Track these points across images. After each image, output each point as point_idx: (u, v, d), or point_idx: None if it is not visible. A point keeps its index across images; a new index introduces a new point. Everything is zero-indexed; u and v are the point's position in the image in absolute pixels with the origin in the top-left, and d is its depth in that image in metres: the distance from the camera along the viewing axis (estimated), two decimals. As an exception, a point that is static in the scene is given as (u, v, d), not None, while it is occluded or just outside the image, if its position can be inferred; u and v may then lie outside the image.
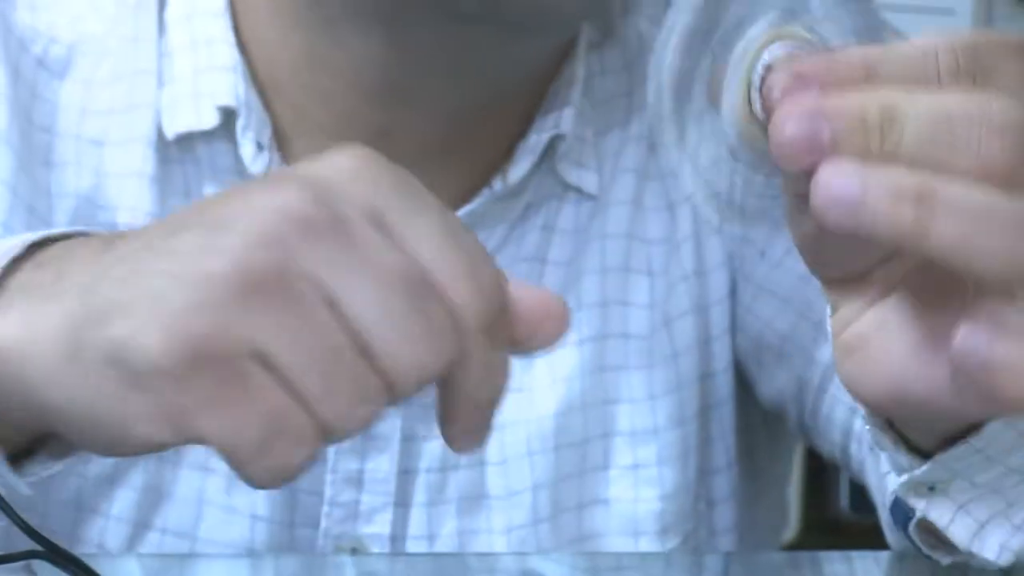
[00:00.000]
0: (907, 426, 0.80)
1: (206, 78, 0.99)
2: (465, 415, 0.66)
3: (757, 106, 0.68)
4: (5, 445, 0.69)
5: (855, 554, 0.98)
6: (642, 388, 1.04)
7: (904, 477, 0.81)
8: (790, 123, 0.65)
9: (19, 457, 0.70)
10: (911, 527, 0.85)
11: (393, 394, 0.64)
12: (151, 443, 0.62)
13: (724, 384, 1.06)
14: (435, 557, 1.00)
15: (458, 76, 0.98)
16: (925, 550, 0.86)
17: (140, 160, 1.00)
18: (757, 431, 1.10)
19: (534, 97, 1.02)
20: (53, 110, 1.00)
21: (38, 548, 0.69)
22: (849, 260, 0.74)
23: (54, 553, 0.69)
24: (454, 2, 0.93)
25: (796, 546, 2.04)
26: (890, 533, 0.94)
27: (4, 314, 0.67)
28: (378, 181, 0.65)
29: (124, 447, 0.63)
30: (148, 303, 0.63)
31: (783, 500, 1.16)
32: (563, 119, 1.01)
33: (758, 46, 0.69)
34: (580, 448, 1.03)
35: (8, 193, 0.99)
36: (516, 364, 0.98)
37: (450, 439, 0.66)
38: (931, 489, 0.83)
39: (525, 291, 0.67)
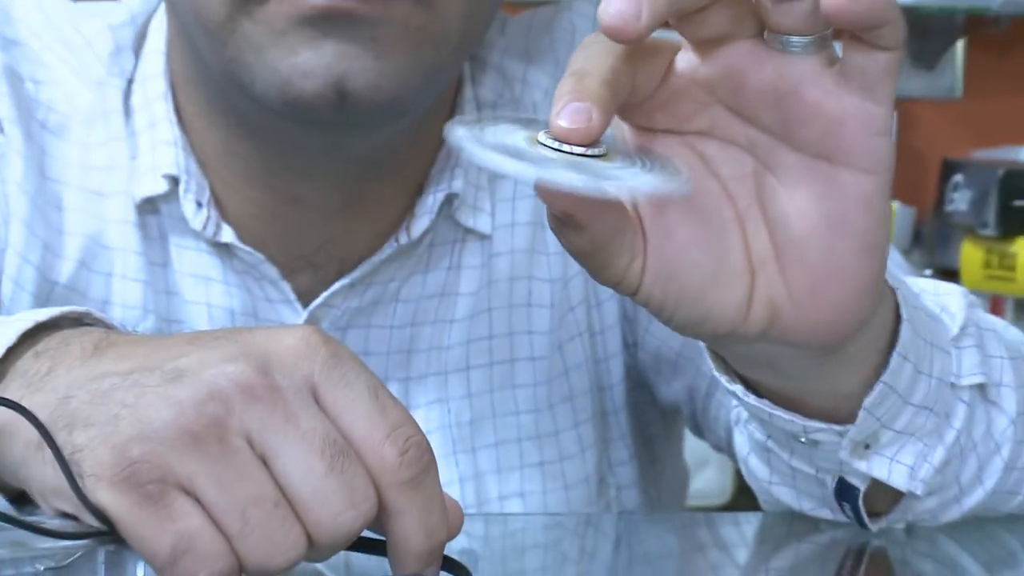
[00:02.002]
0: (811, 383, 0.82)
1: (158, 152, 1.02)
2: (407, 554, 0.68)
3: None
4: (7, 493, 0.72)
5: (741, 515, 1.01)
6: (544, 399, 1.07)
7: (845, 440, 0.83)
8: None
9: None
10: (859, 501, 0.87)
11: (313, 545, 0.67)
12: (92, 529, 0.67)
13: (619, 394, 1.09)
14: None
15: (326, 159, 1.00)
16: (866, 522, 0.88)
17: (126, 211, 1.03)
18: (656, 427, 1.13)
19: (427, 156, 1.04)
20: (60, 165, 1.03)
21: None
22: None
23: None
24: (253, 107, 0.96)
25: (729, 508, 2.04)
26: (767, 505, 0.94)
27: (4, 394, 0.70)
28: (314, 358, 0.68)
29: (77, 524, 0.68)
30: (105, 425, 0.66)
31: (679, 470, 1.19)
32: (455, 178, 1.03)
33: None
34: (494, 449, 1.06)
35: (26, 231, 1.01)
36: (437, 379, 1.03)
37: (399, 570, 0.68)
38: (867, 447, 0.84)
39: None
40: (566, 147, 0.69)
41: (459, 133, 0.69)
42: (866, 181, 0.73)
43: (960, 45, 2.35)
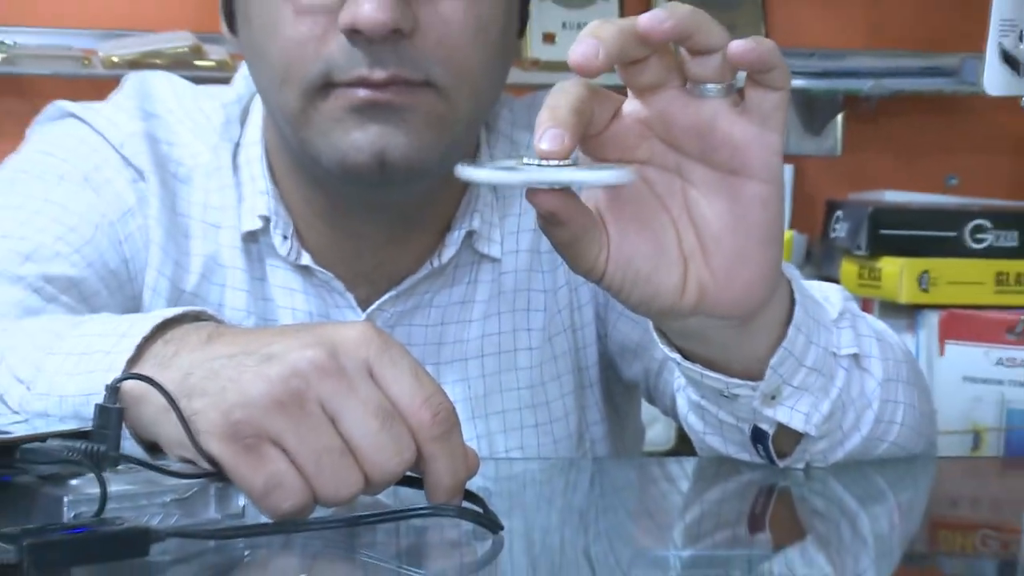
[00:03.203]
0: (729, 350, 0.82)
1: (256, 199, 1.01)
2: (439, 488, 0.69)
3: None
4: (143, 444, 0.71)
5: (683, 459, 1.02)
6: (538, 378, 1.06)
7: (757, 393, 0.83)
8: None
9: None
10: (769, 443, 0.87)
11: (370, 483, 0.67)
12: (205, 471, 0.67)
13: (593, 374, 1.08)
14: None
15: (374, 207, 0.99)
16: (775, 460, 0.88)
17: (235, 239, 1.02)
18: (620, 397, 1.12)
19: (452, 203, 1.02)
20: (187, 204, 1.02)
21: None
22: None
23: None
24: (321, 169, 0.94)
25: (672, 453, 2.00)
26: (702, 451, 0.93)
27: (141, 371, 0.70)
28: (369, 345, 0.68)
29: (194, 468, 0.68)
30: (215, 394, 0.67)
31: (637, 427, 1.18)
32: (474, 219, 1.02)
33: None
34: (501, 416, 1.05)
35: (162, 253, 1.00)
36: (459, 364, 1.03)
37: (433, 498, 0.69)
38: (773, 399, 0.84)
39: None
40: (544, 163, 0.70)
41: (464, 167, 0.72)
42: (764, 189, 0.75)
43: (840, 117, 2.35)
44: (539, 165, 0.70)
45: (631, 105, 0.75)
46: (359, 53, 0.90)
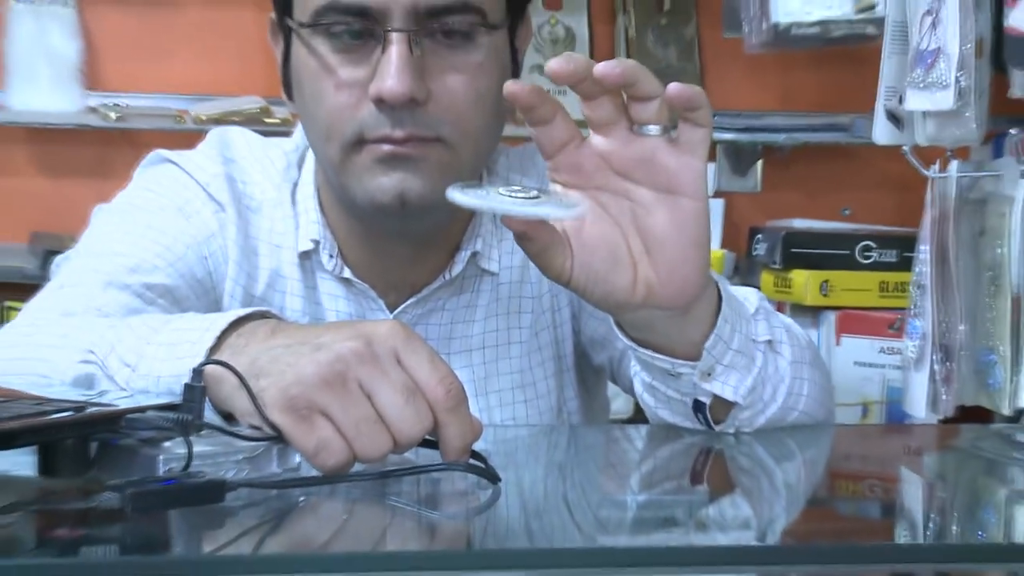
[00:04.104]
0: (673, 336, 0.81)
1: (309, 227, 1.00)
2: (450, 448, 0.68)
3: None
4: (220, 414, 0.70)
5: (641, 426, 0.99)
6: (526, 365, 1.05)
7: (696, 372, 0.82)
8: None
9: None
10: (707, 411, 0.86)
11: (397, 445, 0.66)
12: (269, 435, 0.66)
13: (570, 361, 1.07)
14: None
15: (398, 233, 0.97)
16: (712, 425, 0.87)
17: (293, 256, 1.00)
18: (591, 380, 1.10)
19: (460, 229, 1.01)
20: (256, 229, 1.01)
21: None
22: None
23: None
24: (360, 209, 0.93)
25: (631, 421, 2.04)
26: (654, 421, 0.91)
27: (219, 357, 0.70)
28: (396, 337, 0.67)
29: (260, 433, 0.67)
30: (276, 375, 0.67)
31: (603, 401, 1.16)
32: (478, 242, 1.00)
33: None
34: (498, 394, 1.04)
35: (236, 267, 0.99)
36: (465, 354, 1.01)
37: (446, 456, 0.68)
38: (709, 375, 0.83)
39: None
40: (514, 193, 0.71)
41: (452, 190, 0.72)
42: (695, 204, 0.76)
43: (760, 162, 2.35)
44: (512, 196, 0.71)
45: (593, 141, 0.76)
46: (384, 117, 0.90)
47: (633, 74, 0.72)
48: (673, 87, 0.72)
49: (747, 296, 0.90)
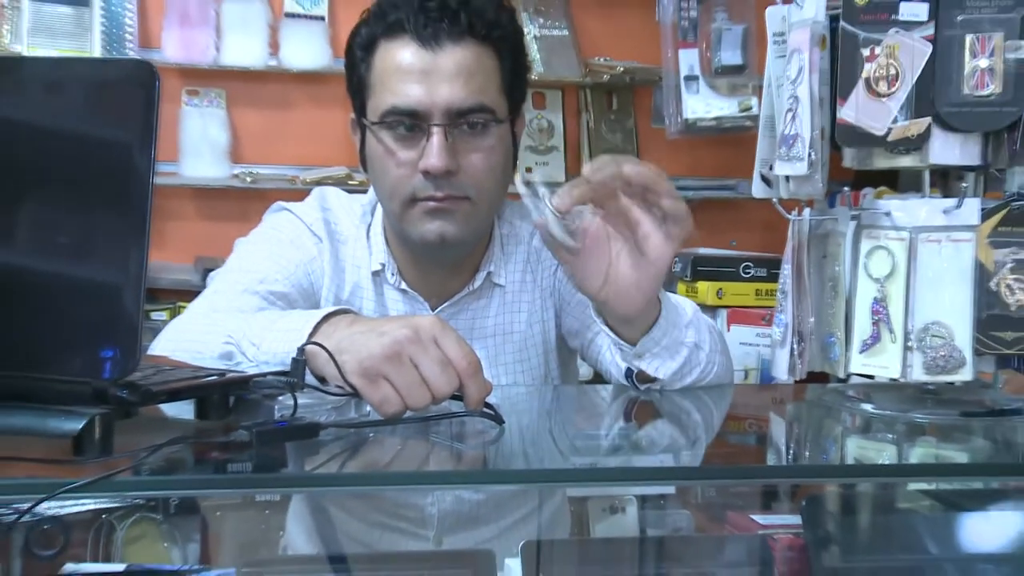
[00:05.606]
0: (620, 327, 0.79)
1: (378, 254, 0.97)
2: (471, 401, 0.66)
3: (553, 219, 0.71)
4: (317, 378, 0.68)
5: (599, 386, 0.96)
6: (523, 348, 1.01)
7: (633, 353, 0.80)
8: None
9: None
10: (634, 377, 0.84)
11: (435, 398, 0.65)
12: (349, 392, 0.65)
13: (553, 346, 1.02)
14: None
15: (438, 260, 0.94)
16: (640, 386, 0.84)
17: (368, 273, 0.98)
18: (567, 357, 1.06)
19: (479, 256, 0.98)
20: (344, 256, 0.98)
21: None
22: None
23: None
24: (414, 244, 0.91)
25: (590, 383, 1.96)
26: (609, 380, 0.90)
27: (316, 340, 0.68)
28: (435, 328, 0.65)
29: (343, 390, 0.66)
30: (353, 351, 0.66)
31: (575, 370, 1.09)
32: (492, 265, 0.98)
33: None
34: (504, 365, 1.00)
35: (330, 280, 0.97)
36: (482, 340, 0.96)
37: (468, 406, 0.66)
38: (639, 357, 0.81)
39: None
40: (556, 212, 0.71)
41: (520, 182, 0.71)
42: (656, 268, 0.74)
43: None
44: (553, 214, 0.70)
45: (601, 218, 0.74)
46: (429, 183, 0.89)
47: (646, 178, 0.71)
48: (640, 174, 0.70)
49: (685, 308, 0.86)
